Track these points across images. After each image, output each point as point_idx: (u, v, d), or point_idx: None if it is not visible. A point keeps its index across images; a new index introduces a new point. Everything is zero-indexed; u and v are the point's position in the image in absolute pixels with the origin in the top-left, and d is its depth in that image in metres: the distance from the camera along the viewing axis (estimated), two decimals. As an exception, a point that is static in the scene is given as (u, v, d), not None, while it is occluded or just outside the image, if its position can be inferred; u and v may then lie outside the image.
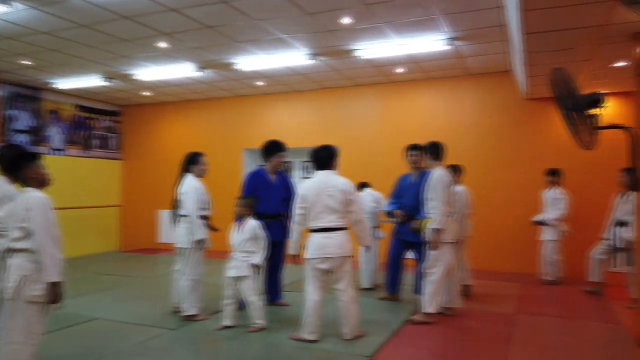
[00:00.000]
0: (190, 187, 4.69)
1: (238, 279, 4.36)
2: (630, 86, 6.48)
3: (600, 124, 4.36)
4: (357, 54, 6.56)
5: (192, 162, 4.87)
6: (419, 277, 5.00)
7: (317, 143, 4.50)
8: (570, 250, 6.68)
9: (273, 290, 5.27)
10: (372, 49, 6.44)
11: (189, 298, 4.62)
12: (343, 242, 4.04)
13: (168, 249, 9.58)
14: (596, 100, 4.26)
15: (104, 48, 6.53)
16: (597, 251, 5.89)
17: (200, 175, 4.86)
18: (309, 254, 4.08)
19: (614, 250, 5.66)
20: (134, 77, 8.05)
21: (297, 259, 4.22)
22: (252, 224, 4.44)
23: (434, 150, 4.86)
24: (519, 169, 7.51)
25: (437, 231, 4.56)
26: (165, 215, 9.79)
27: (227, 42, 6.28)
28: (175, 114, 10.30)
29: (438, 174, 4.70)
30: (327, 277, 4.12)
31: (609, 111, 6.06)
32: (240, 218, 4.53)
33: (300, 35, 5.96)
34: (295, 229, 4.19)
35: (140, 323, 4.65)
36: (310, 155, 4.30)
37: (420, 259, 5.06)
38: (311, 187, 4.14)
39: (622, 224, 5.57)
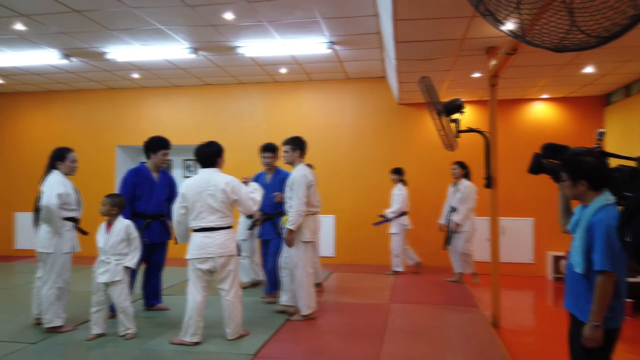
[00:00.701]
0: (52, 182, 4.24)
1: (109, 283, 4.05)
2: (485, 95, 7.34)
3: (461, 128, 4.88)
4: (240, 51, 6.50)
5: (58, 158, 4.41)
6: (271, 274, 5.18)
7: (198, 140, 4.37)
8: (427, 240, 7.37)
9: (151, 293, 5.01)
10: (255, 47, 6.42)
11: (53, 308, 4.17)
12: (225, 242, 3.97)
13: (27, 256, 8.61)
14: (458, 106, 4.76)
15: (-57, 25, 5.64)
16: (458, 245, 6.54)
17: (68, 173, 4.43)
18: (189, 253, 3.97)
19: (448, 233, 6.51)
20: (-17, 62, 7.07)
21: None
22: (123, 224, 4.15)
23: (298, 146, 4.82)
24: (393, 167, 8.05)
25: (291, 231, 4.54)
26: (22, 218, 8.79)
27: (97, 29, 5.80)
28: (36, 106, 9.24)
29: (299, 173, 4.67)
30: (210, 276, 4.03)
31: (467, 117, 6.78)
32: (108, 218, 4.21)
33: (180, 27, 5.73)
34: (176, 227, 4.12)
35: (-8, 340, 4.11)
36: (194, 152, 4.16)
37: (272, 255, 5.15)
38: (192, 185, 4.01)
39: (453, 209, 6.48)
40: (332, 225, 8.15)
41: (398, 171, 7.22)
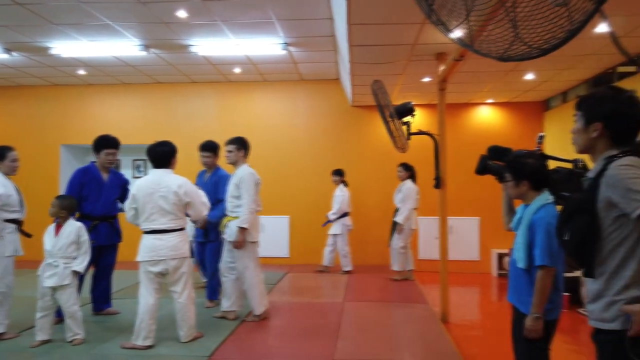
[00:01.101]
0: None
1: (57, 287, 3.89)
2: (434, 99, 7.60)
3: (412, 131, 5.04)
4: (193, 49, 6.41)
5: (-3, 157, 4.18)
6: (212, 279, 5.10)
7: (149, 140, 4.29)
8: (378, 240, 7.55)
9: (101, 297, 4.85)
10: (208, 46, 6.35)
11: (-6, 315, 3.96)
12: (177, 244, 3.91)
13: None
14: (409, 109, 4.92)
15: None
16: (396, 243, 6.71)
17: (9, 173, 4.21)
18: (140, 255, 3.89)
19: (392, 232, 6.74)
20: None
21: None
22: (73, 226, 3.99)
23: (242, 146, 4.75)
24: (346, 169, 8.16)
25: (243, 230, 4.43)
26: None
27: (41, 23, 5.55)
28: (-29, 101, 8.70)
29: (247, 171, 4.60)
30: (162, 279, 3.95)
31: (418, 120, 6.99)
32: (57, 220, 4.05)
33: (131, 24, 5.58)
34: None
35: None
36: (147, 152, 4.05)
37: (211, 259, 5.03)
38: (143, 186, 3.91)
39: (396, 209, 6.69)
40: (286, 226, 8.17)
41: (339, 172, 7.31)
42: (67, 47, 6.40)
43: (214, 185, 5.02)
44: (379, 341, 4.18)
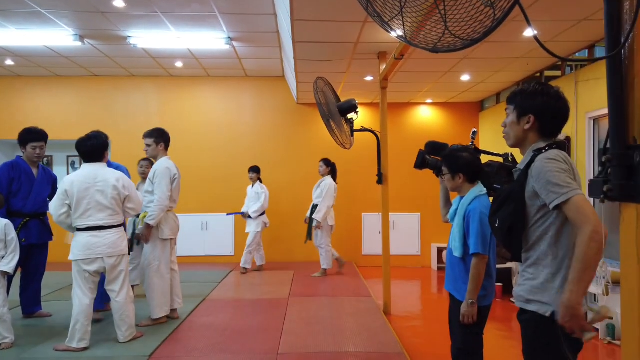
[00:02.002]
0: None
1: (-18, 289, 3.66)
2: (377, 98, 7.78)
3: (355, 128, 5.14)
4: (132, 41, 6.18)
5: None
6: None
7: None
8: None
9: (31, 300, 4.58)
10: (148, 38, 6.16)
11: None
12: (115, 241, 3.77)
13: None
14: (352, 106, 5.01)
15: None
16: (317, 240, 6.75)
17: None
18: (74, 254, 3.70)
19: (309, 228, 6.74)
20: None
21: None
22: (0, 224, 3.77)
23: (161, 138, 4.52)
24: (291, 166, 8.20)
25: (149, 226, 4.28)
26: None
27: (-37, 8, 5.17)
28: None
29: (163, 165, 4.41)
30: (97, 278, 3.80)
31: (361, 118, 7.13)
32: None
33: (64, 12, 5.31)
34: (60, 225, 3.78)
35: None
36: (76, 146, 3.85)
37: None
38: (77, 181, 3.72)
39: (315, 206, 6.72)
40: (231, 223, 8.08)
41: (256, 169, 7.19)
42: (-8, 35, 6.00)
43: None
44: (323, 334, 4.23)
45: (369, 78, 6.62)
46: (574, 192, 1.65)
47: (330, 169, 6.86)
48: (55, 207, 3.72)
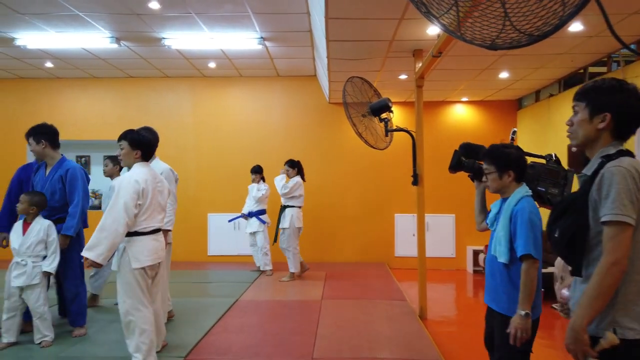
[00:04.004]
0: None
1: (25, 287, 3.73)
2: (411, 96, 7.62)
3: (391, 127, 5.02)
4: (167, 42, 6.23)
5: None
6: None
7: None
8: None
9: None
10: (182, 39, 6.20)
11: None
12: (164, 244, 3.55)
13: None
14: (386, 106, 4.89)
15: None
16: (283, 241, 6.54)
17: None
18: (141, 260, 3.23)
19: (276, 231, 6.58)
20: None
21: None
22: (43, 224, 3.83)
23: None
24: (322, 166, 8.12)
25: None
26: None
27: (6, 12, 5.31)
28: None
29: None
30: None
31: (394, 118, 7.00)
32: (22, 217, 3.87)
33: (100, 14, 5.39)
34: (113, 237, 3.14)
35: None
36: (142, 140, 3.44)
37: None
38: (148, 180, 3.32)
39: (284, 207, 6.54)
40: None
41: (259, 169, 7.05)
42: (33, 38, 6.15)
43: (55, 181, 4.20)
44: (357, 338, 4.14)
45: (403, 76, 6.48)
46: (622, 218, 1.53)
47: (297, 169, 6.68)
48: (130, 209, 3.19)
